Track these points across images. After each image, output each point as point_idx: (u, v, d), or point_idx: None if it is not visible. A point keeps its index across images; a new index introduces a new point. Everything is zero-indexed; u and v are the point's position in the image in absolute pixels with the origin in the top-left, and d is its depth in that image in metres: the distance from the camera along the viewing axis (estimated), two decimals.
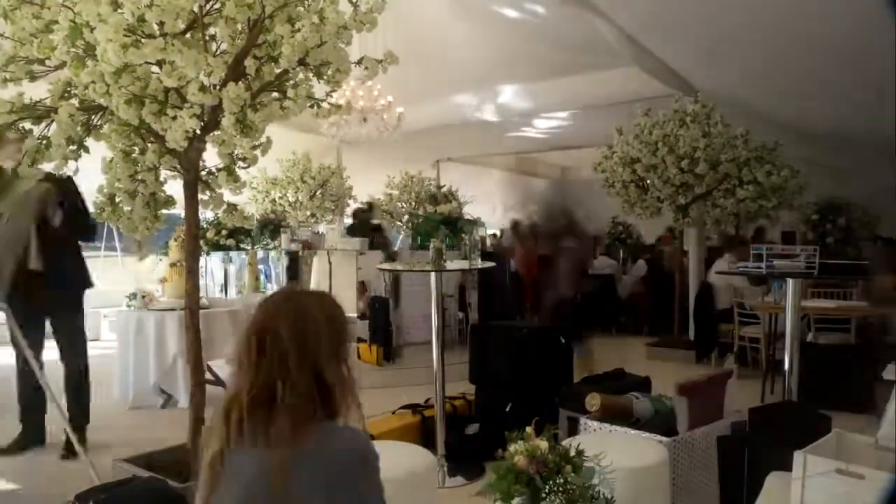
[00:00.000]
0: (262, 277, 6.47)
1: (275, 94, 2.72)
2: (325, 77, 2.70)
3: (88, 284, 4.06)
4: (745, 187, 6.54)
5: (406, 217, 9.76)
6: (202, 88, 2.47)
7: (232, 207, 3.08)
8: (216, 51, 2.62)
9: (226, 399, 1.34)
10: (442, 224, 6.57)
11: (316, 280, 6.24)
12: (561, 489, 1.87)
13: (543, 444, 1.94)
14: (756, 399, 4.68)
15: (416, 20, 6.37)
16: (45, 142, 2.72)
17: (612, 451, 2.08)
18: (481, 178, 12.57)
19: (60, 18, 2.38)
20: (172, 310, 4.99)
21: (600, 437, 2.74)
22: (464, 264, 3.81)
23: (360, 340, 5.77)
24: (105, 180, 2.87)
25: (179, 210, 3.05)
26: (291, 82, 2.70)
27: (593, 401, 2.84)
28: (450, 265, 3.67)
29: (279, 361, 1.31)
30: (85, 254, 4.11)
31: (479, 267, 3.88)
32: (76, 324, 4.01)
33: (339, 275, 6.20)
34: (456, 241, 6.48)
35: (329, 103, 2.85)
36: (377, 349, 5.63)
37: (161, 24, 2.35)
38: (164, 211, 2.97)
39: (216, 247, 6.62)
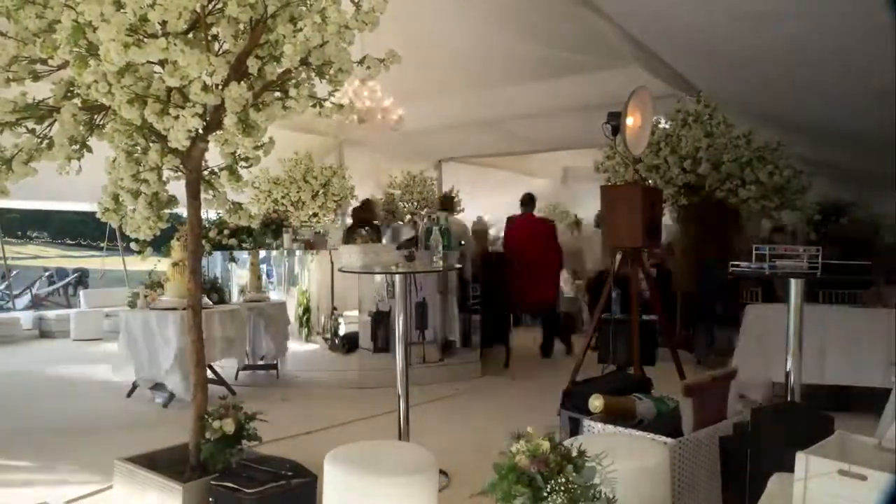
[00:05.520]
0: (263, 277, 6.46)
1: (277, 94, 2.72)
2: (328, 77, 2.70)
3: None
4: (748, 187, 6.53)
5: (409, 217, 9.77)
6: (204, 88, 2.47)
7: (237, 206, 3.08)
8: (218, 50, 2.62)
9: None
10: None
11: (318, 280, 6.24)
12: (563, 489, 1.87)
13: (545, 444, 1.94)
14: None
15: (418, 20, 6.37)
16: (47, 141, 2.72)
17: (614, 451, 2.08)
18: (483, 177, 12.58)
19: (63, 18, 2.38)
20: (174, 309, 4.99)
21: (602, 437, 2.74)
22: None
23: None
24: (108, 180, 2.87)
25: (181, 209, 3.05)
26: (293, 82, 2.70)
27: (596, 402, 2.84)
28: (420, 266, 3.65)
29: None
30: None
31: (441, 269, 3.78)
32: None
33: (340, 274, 6.19)
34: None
35: (332, 103, 2.85)
36: None
37: (163, 23, 2.35)
38: (167, 210, 2.97)
39: (218, 246, 6.61)
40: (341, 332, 6.07)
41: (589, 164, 7.67)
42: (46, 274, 13.03)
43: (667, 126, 6.59)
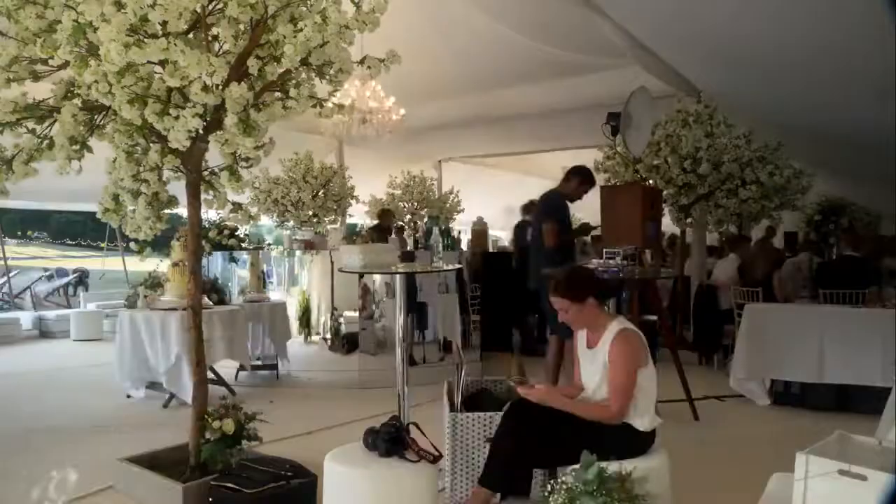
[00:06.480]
0: (263, 277, 6.45)
1: (277, 94, 2.72)
2: (328, 77, 2.70)
3: None
4: (748, 187, 6.53)
5: (408, 217, 9.76)
6: (205, 88, 2.47)
7: (237, 207, 3.08)
8: (219, 51, 2.62)
9: None
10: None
11: (318, 280, 6.23)
12: (562, 488, 1.87)
13: None
14: None
15: (418, 20, 6.37)
16: (47, 141, 2.72)
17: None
18: (483, 177, 12.57)
19: (64, 18, 2.39)
20: (174, 309, 4.99)
21: None
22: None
23: None
24: (108, 180, 2.87)
25: (182, 210, 3.05)
26: (294, 82, 2.70)
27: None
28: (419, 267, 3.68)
29: None
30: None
31: (444, 270, 3.77)
32: None
33: (341, 274, 6.20)
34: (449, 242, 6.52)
35: (332, 103, 2.85)
36: None
37: (164, 24, 2.35)
38: (168, 211, 2.97)
39: (218, 246, 6.60)
40: (341, 332, 6.06)
41: (589, 165, 7.66)
42: (46, 274, 13.02)
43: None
